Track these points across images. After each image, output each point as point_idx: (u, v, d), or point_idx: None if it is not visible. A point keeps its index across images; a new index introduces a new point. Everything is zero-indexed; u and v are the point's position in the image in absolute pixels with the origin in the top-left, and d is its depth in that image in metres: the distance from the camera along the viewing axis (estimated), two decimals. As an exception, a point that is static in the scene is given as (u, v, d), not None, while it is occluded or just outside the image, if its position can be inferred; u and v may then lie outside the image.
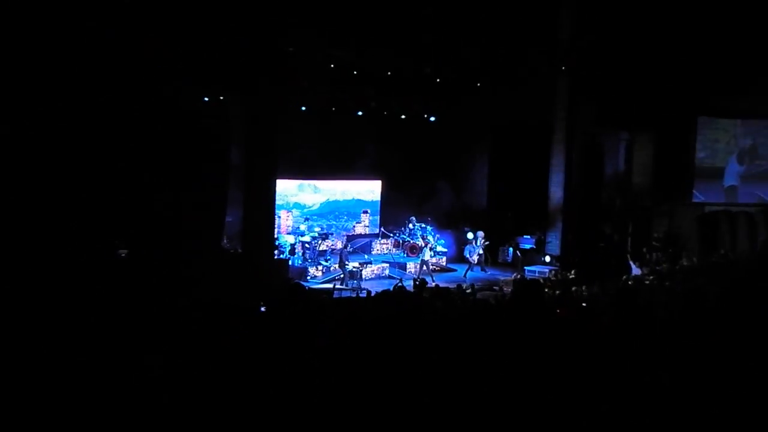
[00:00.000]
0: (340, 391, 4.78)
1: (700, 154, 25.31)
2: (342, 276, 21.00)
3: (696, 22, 21.67)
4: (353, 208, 24.48)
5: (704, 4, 21.52)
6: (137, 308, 8.84)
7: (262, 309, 9.30)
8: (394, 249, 24.06)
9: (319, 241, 22.49)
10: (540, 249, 24.16)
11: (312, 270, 21.42)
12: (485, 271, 22.74)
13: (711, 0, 21.58)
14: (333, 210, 23.99)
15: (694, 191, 25.24)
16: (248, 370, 4.92)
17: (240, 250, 19.59)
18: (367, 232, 24.30)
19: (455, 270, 23.54)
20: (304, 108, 21.90)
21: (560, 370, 5.10)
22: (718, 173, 25.47)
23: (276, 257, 20.71)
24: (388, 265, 22.84)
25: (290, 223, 22.75)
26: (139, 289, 12.74)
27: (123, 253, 16.52)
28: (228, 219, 19.83)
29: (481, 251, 23.19)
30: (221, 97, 19.41)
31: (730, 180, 25.48)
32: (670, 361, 5.34)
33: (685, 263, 21.17)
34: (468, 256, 23.10)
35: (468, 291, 16.98)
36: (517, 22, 21.72)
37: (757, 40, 21.80)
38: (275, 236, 20.96)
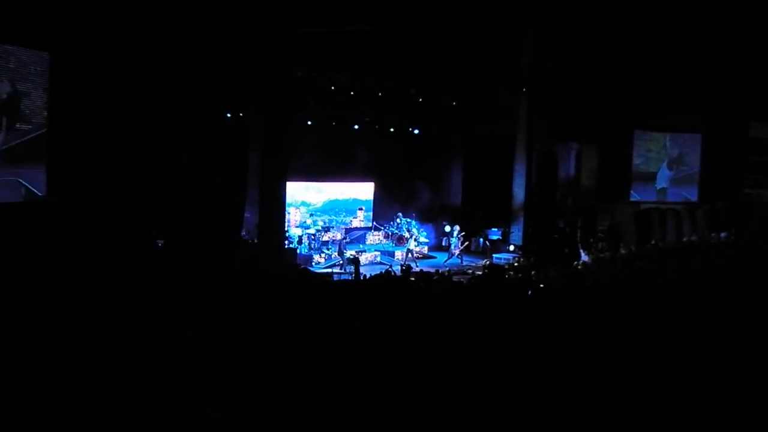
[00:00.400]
0: (345, 351, 4.71)
1: (636, 161, 25.56)
2: (341, 262, 21.13)
3: (632, 53, 21.87)
4: (350, 206, 24.55)
5: (636, 41, 21.67)
6: (172, 288, 8.89)
7: None
8: (384, 239, 24.10)
9: (322, 233, 22.76)
10: (505, 239, 24.36)
11: (316, 257, 21.61)
12: (460, 259, 22.78)
13: (642, 38, 21.67)
14: (333, 207, 24.11)
15: (631, 192, 25.42)
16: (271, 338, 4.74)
17: (256, 241, 19.63)
18: (362, 226, 24.36)
19: (435, 257, 23.78)
20: (309, 122, 22.14)
21: (521, 338, 5.12)
22: (651, 177, 25.71)
23: (286, 246, 20.76)
24: (379, 253, 23.09)
25: (298, 218, 22.89)
26: (173, 271, 12.82)
27: (160, 242, 16.55)
28: (246, 215, 19.93)
29: (460, 246, 23.25)
30: (241, 114, 19.47)
31: (661, 183, 25.72)
32: (611, 329, 5.28)
33: (623, 251, 21.28)
34: (453, 248, 23.21)
35: (446, 275, 17.09)
36: (487, 54, 21.95)
37: (680, 71, 22.03)
38: (285, 229, 21.02)
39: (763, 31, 21.90)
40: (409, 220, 24.41)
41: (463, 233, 23.68)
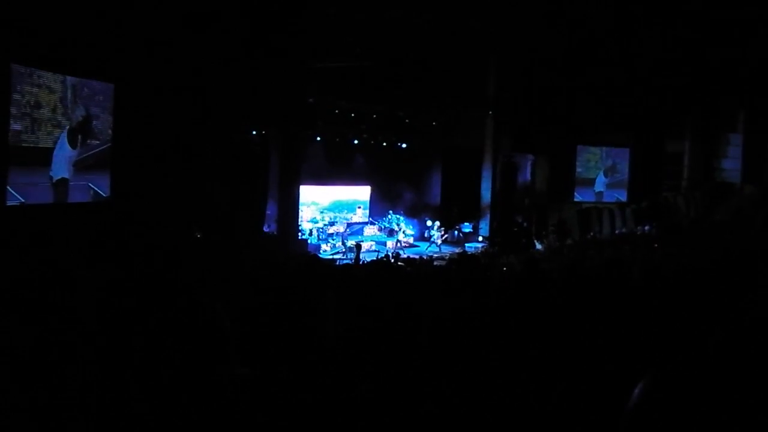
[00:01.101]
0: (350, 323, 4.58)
1: (578, 170, 25.59)
2: (344, 250, 21.23)
3: (575, 84, 22.08)
4: (351, 205, 24.60)
5: (578, 75, 21.86)
6: (207, 270, 8.90)
7: None
8: (378, 232, 24.18)
9: (328, 227, 22.74)
10: (475, 232, 24.42)
11: (323, 246, 21.64)
12: (439, 248, 22.88)
13: (583, 72, 21.86)
14: (338, 206, 24.13)
15: (575, 194, 25.46)
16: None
17: (276, 233, 19.67)
18: (361, 221, 24.39)
19: (419, 246, 23.88)
20: (318, 138, 22.19)
21: (486, 310, 5.21)
22: (590, 182, 25.73)
23: (299, 238, 20.86)
24: (374, 242, 23.13)
25: (309, 215, 22.86)
26: (208, 258, 12.86)
27: (198, 234, 16.59)
28: (268, 212, 19.92)
29: (440, 237, 23.35)
30: (263, 132, 19.54)
31: (598, 187, 25.75)
32: (558, 302, 5.22)
33: (569, 241, 21.39)
34: (433, 239, 23.30)
35: (427, 260, 17.18)
36: (460, 84, 22.09)
37: (613, 99, 22.26)
38: (299, 223, 21.08)
39: (674, 71, 22.20)
40: (398, 216, 24.50)
41: (442, 227, 23.84)
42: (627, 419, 1.19)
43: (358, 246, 20.47)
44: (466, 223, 24.62)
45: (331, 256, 20.35)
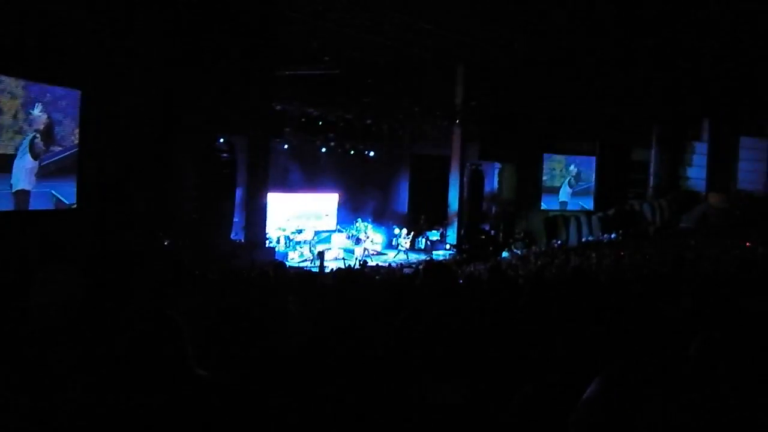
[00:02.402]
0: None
1: (544, 178, 25.93)
2: (312, 257, 21.14)
3: (540, 93, 22.36)
4: (319, 213, 24.43)
5: (543, 84, 22.18)
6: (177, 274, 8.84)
7: None
8: (346, 240, 24.11)
9: (296, 235, 22.55)
10: (443, 239, 24.48)
11: (291, 254, 21.48)
12: (407, 255, 22.92)
13: (548, 82, 22.19)
14: (305, 213, 23.90)
15: (541, 202, 25.71)
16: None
17: (243, 241, 19.55)
18: (328, 228, 24.31)
19: (386, 254, 23.82)
20: (286, 146, 22.06)
21: (456, 313, 5.17)
22: (555, 190, 26.04)
23: (267, 246, 20.69)
24: (342, 250, 23.00)
25: (277, 222, 22.63)
26: (177, 263, 12.79)
27: (167, 242, 16.47)
28: (235, 220, 19.73)
29: (406, 244, 23.43)
30: (230, 139, 19.38)
31: (563, 196, 26.12)
32: (522, 308, 5.51)
33: (534, 249, 21.60)
34: (400, 246, 23.36)
35: (396, 267, 17.22)
36: (429, 95, 22.25)
37: (579, 109, 22.63)
38: (266, 231, 20.93)
39: (642, 81, 22.64)
40: (365, 224, 24.44)
41: (409, 235, 23.90)
42: (577, 412, 1.23)
43: (321, 254, 20.45)
44: (433, 231, 24.69)
45: (298, 264, 20.19)
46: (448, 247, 23.88)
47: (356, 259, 21.41)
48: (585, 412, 1.22)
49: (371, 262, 19.63)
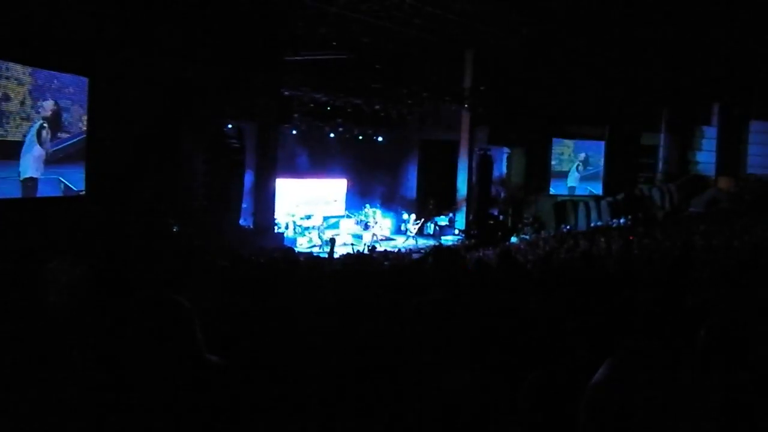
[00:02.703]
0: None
1: (553, 162, 25.83)
2: (320, 243, 21.14)
3: (550, 77, 22.26)
4: (328, 198, 24.44)
5: (553, 68, 22.08)
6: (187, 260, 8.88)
7: None
8: (354, 225, 24.12)
9: (304, 220, 22.57)
10: (452, 225, 24.46)
11: (299, 240, 21.50)
12: (415, 241, 22.92)
13: (558, 65, 22.09)
14: (314, 199, 23.92)
15: (550, 187, 25.64)
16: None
17: (252, 227, 19.59)
18: (337, 214, 24.32)
19: (395, 239, 23.81)
20: (294, 131, 22.07)
21: (465, 295, 5.15)
22: (564, 175, 25.96)
23: (275, 231, 20.75)
24: (351, 236, 23.04)
25: (285, 208, 22.65)
26: (187, 249, 12.86)
27: (176, 228, 16.50)
28: (244, 206, 19.79)
29: (415, 229, 23.40)
30: (240, 125, 19.42)
31: (571, 181, 26.01)
32: (532, 289, 5.30)
33: (543, 234, 21.55)
34: (409, 232, 23.35)
35: (405, 253, 17.23)
36: (437, 79, 22.17)
37: (589, 93, 22.52)
38: (275, 217, 20.97)
39: (651, 66, 22.48)
40: (374, 209, 24.40)
41: (418, 221, 23.88)
42: (588, 396, 1.22)
43: (332, 240, 20.49)
44: (442, 216, 24.67)
45: (307, 250, 20.26)
46: (456, 232, 23.87)
47: (365, 244, 21.41)
48: (595, 395, 1.21)
49: (380, 248, 19.63)
